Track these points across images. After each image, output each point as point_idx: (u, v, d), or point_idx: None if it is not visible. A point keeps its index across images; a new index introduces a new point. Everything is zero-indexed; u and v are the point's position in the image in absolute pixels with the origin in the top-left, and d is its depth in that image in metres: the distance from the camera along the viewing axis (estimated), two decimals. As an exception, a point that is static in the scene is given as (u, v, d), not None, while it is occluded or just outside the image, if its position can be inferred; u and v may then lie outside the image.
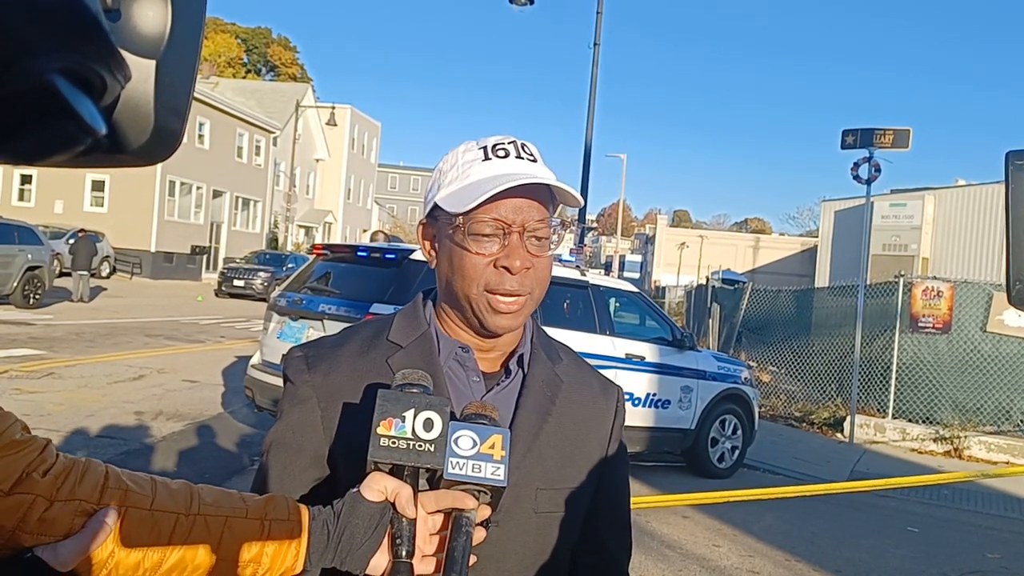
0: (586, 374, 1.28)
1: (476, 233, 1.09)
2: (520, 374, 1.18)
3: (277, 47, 65.72)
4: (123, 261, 28.20)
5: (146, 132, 0.44)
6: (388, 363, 1.13)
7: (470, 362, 1.16)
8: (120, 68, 0.36)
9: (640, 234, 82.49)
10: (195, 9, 0.47)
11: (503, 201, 1.08)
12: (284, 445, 1.12)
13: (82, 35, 0.32)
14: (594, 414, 1.24)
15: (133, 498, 0.83)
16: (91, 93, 0.34)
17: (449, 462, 0.91)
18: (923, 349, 10.91)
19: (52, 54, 0.31)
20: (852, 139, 10.44)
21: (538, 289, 1.13)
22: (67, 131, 0.33)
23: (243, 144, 36.27)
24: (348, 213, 49.51)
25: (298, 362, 1.16)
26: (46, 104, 0.32)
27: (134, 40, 0.43)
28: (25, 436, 0.79)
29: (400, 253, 6.46)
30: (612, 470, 1.25)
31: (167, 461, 6.35)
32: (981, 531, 6.95)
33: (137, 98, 0.42)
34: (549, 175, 1.12)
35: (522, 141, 1.15)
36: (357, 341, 1.19)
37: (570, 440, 1.18)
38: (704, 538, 5.89)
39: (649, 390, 7.28)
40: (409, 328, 1.19)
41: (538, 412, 1.16)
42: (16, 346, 10.72)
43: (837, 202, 27.90)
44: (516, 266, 1.08)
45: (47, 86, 0.31)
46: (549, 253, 1.13)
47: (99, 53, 0.34)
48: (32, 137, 0.32)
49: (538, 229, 1.10)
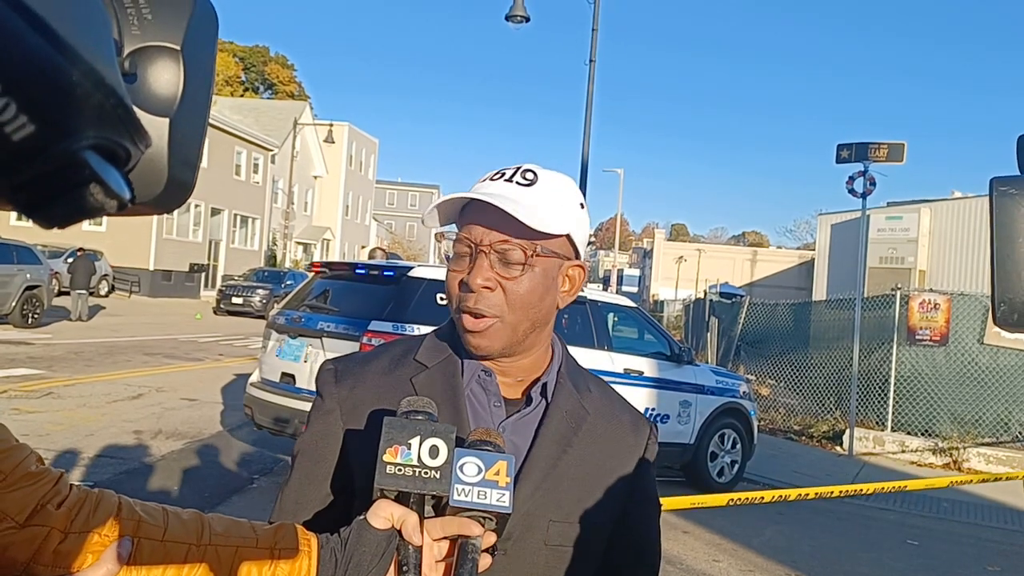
0: (616, 407, 1.25)
1: (455, 251, 1.12)
2: (543, 403, 1.17)
3: (275, 65, 65.97)
4: (122, 279, 28.18)
5: (160, 185, 0.47)
6: (412, 382, 1.15)
7: (492, 386, 1.15)
8: (143, 139, 0.39)
9: (638, 248, 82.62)
10: (205, 67, 0.50)
11: (476, 223, 1.09)
12: (308, 454, 1.16)
13: (113, 117, 0.35)
14: (621, 449, 1.21)
15: (145, 529, 0.85)
16: (117, 163, 0.37)
17: (455, 489, 0.92)
18: (921, 361, 10.93)
19: (85, 134, 0.34)
20: (847, 153, 10.50)
21: (511, 314, 1.10)
22: (96, 199, 0.36)
23: (241, 162, 36.34)
24: (346, 230, 49.57)
25: (327, 375, 1.19)
26: (77, 176, 0.35)
27: (149, 101, 0.46)
28: (40, 468, 0.81)
29: (399, 270, 6.48)
30: (640, 509, 1.22)
31: (167, 480, 6.34)
32: (980, 543, 6.95)
33: (152, 155, 0.45)
34: (535, 199, 1.09)
35: (530, 167, 1.14)
36: (386, 358, 1.20)
37: (591, 474, 1.16)
38: (704, 553, 5.89)
39: (648, 405, 7.29)
40: (437, 349, 1.19)
41: (558, 443, 1.14)
42: (15, 366, 10.70)
43: (833, 215, 27.95)
44: (475, 283, 1.07)
45: (79, 162, 0.34)
46: (523, 275, 1.09)
47: (127, 130, 0.37)
48: (64, 206, 0.35)
49: (507, 251, 1.08)
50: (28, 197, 0.35)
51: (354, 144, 49.65)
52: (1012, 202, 0.98)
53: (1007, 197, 1.02)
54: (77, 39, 0.33)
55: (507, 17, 14.02)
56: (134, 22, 0.46)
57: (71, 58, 0.32)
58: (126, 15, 0.45)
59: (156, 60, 0.46)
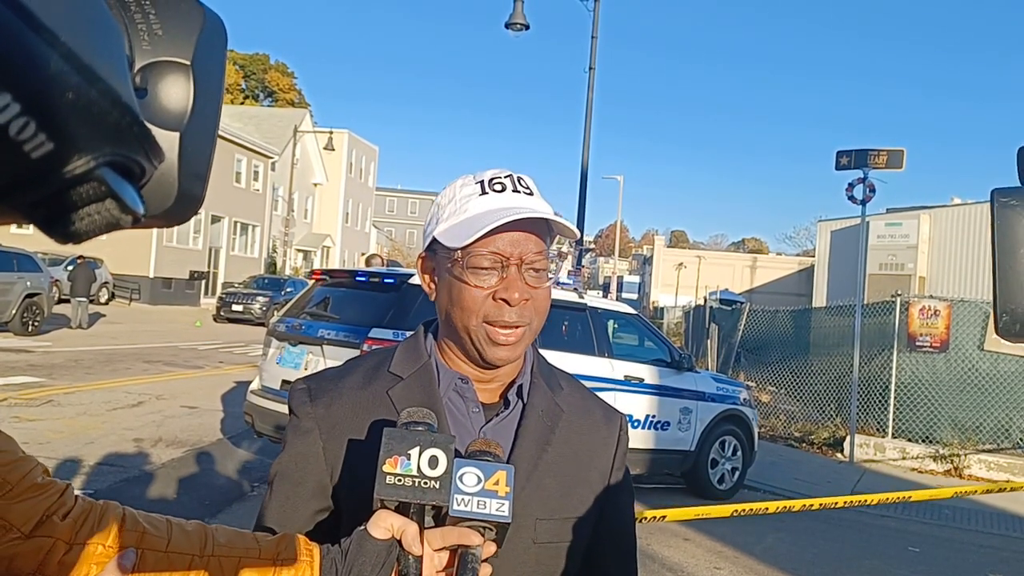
0: (588, 402, 1.29)
1: (475, 267, 1.11)
2: (520, 404, 1.19)
3: (275, 73, 66.05)
4: (122, 287, 28.20)
5: (170, 199, 0.47)
6: (388, 395, 1.15)
7: (469, 393, 1.17)
8: (157, 155, 0.40)
9: (638, 255, 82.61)
10: (215, 81, 0.51)
11: (501, 235, 1.10)
12: (287, 476, 1.15)
13: (129, 135, 0.36)
14: (596, 442, 1.24)
15: (149, 540, 0.85)
16: (131, 179, 0.38)
17: (454, 499, 0.92)
18: (921, 368, 10.92)
19: (102, 151, 0.34)
20: (846, 160, 10.50)
21: (536, 320, 1.14)
22: (112, 214, 0.37)
23: (241, 169, 36.39)
24: (346, 237, 49.60)
25: (301, 394, 1.18)
26: (93, 193, 0.35)
27: (160, 115, 0.46)
28: (46, 480, 0.82)
29: (399, 278, 6.49)
30: (616, 498, 1.25)
31: (167, 488, 6.33)
32: (982, 550, 6.94)
33: (163, 169, 0.46)
34: (546, 208, 1.13)
35: (518, 175, 1.16)
36: (359, 373, 1.21)
37: (571, 469, 1.19)
38: (705, 560, 5.88)
39: (648, 412, 7.29)
40: (410, 360, 1.20)
41: (537, 442, 1.17)
42: (15, 373, 10.71)
43: (833, 222, 27.96)
44: (515, 298, 1.10)
45: (96, 179, 0.35)
46: (547, 283, 1.15)
47: (142, 147, 0.37)
48: (81, 221, 0.36)
49: (536, 261, 1.12)
50: (46, 213, 0.35)
51: (354, 151, 49.71)
52: (1013, 213, 0.99)
53: (1008, 208, 1.02)
54: (94, 58, 0.33)
55: (507, 25, 14.07)
56: (144, 37, 0.46)
57: (89, 77, 0.33)
58: (137, 31, 0.46)
59: (167, 75, 0.46)
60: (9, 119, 0.30)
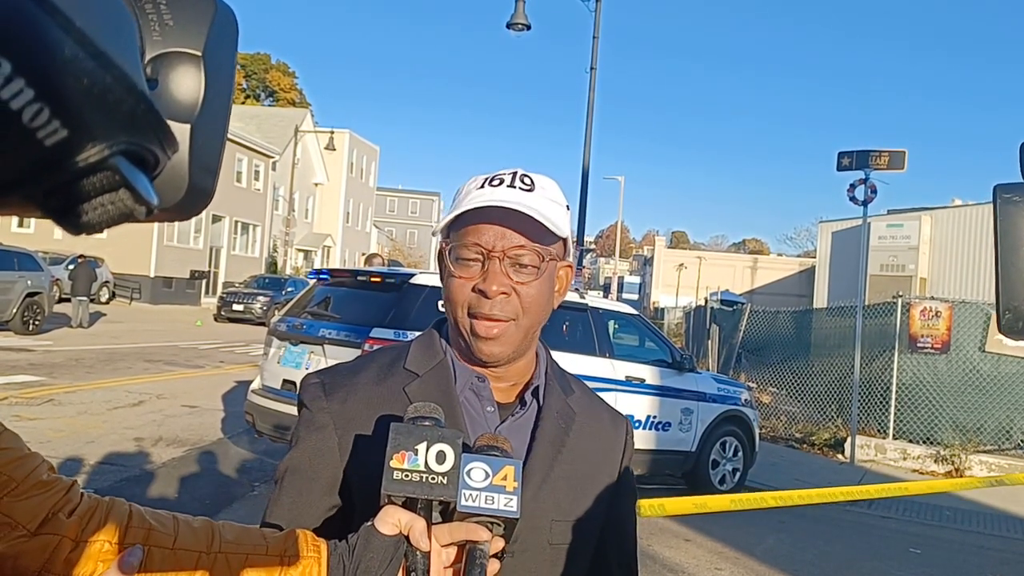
0: (596, 406, 1.29)
1: (460, 257, 1.11)
2: (535, 405, 1.19)
3: (276, 72, 66.08)
4: (122, 286, 28.20)
5: (181, 192, 0.47)
6: (405, 391, 1.14)
7: (486, 392, 1.17)
8: (171, 145, 0.39)
9: (638, 255, 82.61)
10: (226, 73, 0.50)
11: (487, 227, 1.10)
12: (299, 472, 1.13)
13: (143, 123, 0.35)
14: (605, 445, 1.25)
15: (156, 537, 0.85)
16: (145, 169, 0.37)
17: (462, 494, 0.91)
18: (922, 369, 10.91)
19: (116, 140, 0.34)
20: (848, 161, 10.50)
21: (525, 317, 1.13)
22: (125, 204, 0.36)
23: (242, 169, 36.40)
24: (347, 237, 49.61)
25: (315, 388, 1.17)
26: (107, 182, 0.35)
27: (171, 107, 0.46)
28: (51, 477, 0.81)
29: (400, 277, 6.48)
30: (621, 500, 1.26)
31: (168, 488, 6.33)
32: (982, 551, 6.93)
33: (173, 161, 0.45)
34: (539, 204, 1.12)
35: (524, 172, 1.16)
36: (374, 368, 1.20)
37: (583, 472, 1.19)
38: (706, 561, 5.87)
39: (649, 412, 7.28)
40: (426, 356, 1.20)
41: (553, 444, 1.17)
42: (16, 372, 10.70)
43: (834, 223, 27.96)
44: (492, 290, 1.09)
45: (110, 168, 0.34)
46: (537, 279, 1.12)
47: (156, 136, 0.37)
48: (94, 211, 0.35)
49: (520, 256, 1.10)
50: (59, 203, 0.34)
51: (355, 151, 49.71)
52: (1016, 209, 0.98)
53: (1011, 204, 1.01)
54: (109, 44, 0.33)
55: (508, 25, 14.07)
56: (156, 28, 0.45)
57: (104, 63, 0.32)
58: (148, 21, 0.45)
59: (177, 66, 0.45)
60: (23, 104, 0.30)
